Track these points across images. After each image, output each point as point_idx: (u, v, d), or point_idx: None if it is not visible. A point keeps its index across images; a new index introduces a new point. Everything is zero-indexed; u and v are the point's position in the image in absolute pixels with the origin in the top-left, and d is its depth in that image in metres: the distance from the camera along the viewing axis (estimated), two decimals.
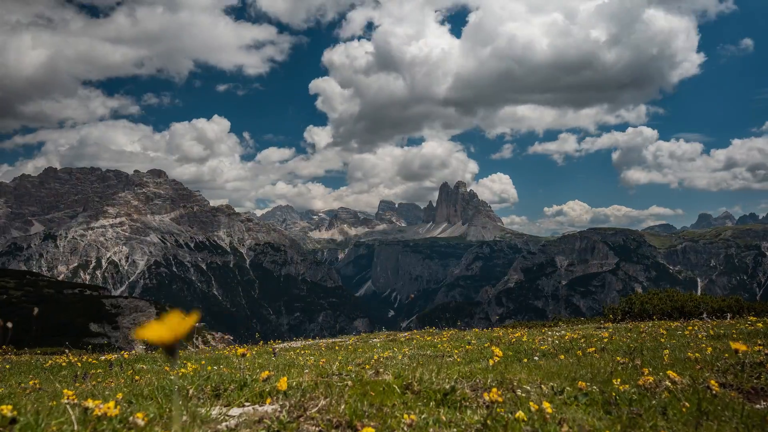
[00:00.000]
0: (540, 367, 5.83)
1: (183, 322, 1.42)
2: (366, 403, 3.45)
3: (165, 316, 1.43)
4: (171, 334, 1.41)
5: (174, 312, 1.44)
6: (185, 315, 1.46)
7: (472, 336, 15.12)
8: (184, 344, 50.88)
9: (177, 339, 1.43)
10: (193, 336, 60.26)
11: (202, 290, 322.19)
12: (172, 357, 1.46)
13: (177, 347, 1.45)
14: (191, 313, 1.48)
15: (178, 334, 1.42)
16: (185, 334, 1.43)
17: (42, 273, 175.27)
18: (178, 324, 1.42)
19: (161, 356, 1.70)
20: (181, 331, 1.42)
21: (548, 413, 3.07)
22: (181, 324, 1.42)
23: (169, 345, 1.44)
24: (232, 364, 9.75)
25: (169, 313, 1.44)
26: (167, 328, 1.41)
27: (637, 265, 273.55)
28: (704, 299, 21.83)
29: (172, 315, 1.43)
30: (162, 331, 1.41)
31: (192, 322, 1.43)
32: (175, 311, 1.42)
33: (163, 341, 1.42)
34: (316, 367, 6.49)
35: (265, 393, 3.90)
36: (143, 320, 63.36)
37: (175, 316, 1.42)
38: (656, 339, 9.73)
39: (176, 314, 1.43)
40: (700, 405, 3.36)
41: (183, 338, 1.43)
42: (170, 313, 1.43)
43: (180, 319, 1.42)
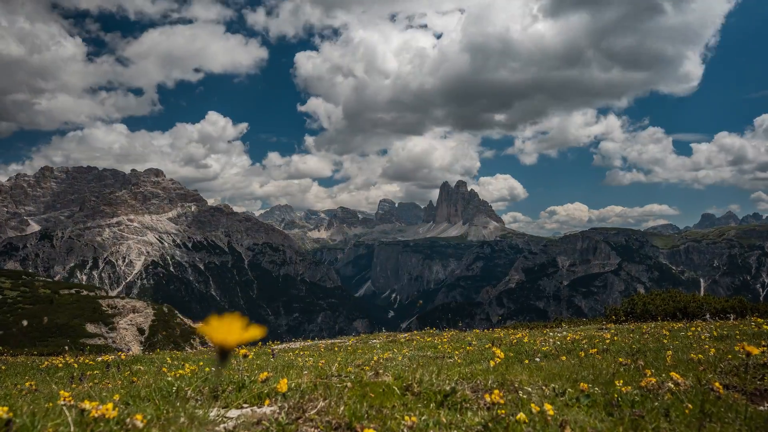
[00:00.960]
0: (541, 368, 5.83)
1: (246, 332, 1.38)
2: (366, 404, 3.45)
3: (232, 319, 1.38)
4: (233, 339, 1.37)
5: (237, 319, 1.38)
6: (248, 324, 1.41)
7: (472, 337, 15.13)
8: (180, 344, 50.55)
9: (236, 346, 1.40)
10: (190, 337, 60.33)
11: (200, 291, 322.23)
12: (224, 361, 1.42)
13: (231, 353, 1.41)
14: (257, 325, 1.43)
15: (239, 341, 1.38)
16: (242, 343, 1.40)
17: (38, 273, 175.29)
18: (242, 332, 1.37)
19: (216, 359, 1.65)
20: (242, 339, 1.38)
21: (550, 415, 3.07)
22: (243, 333, 1.38)
23: (226, 349, 1.40)
24: (230, 365, 9.75)
25: (234, 318, 1.39)
26: (234, 333, 1.36)
27: (640, 266, 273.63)
28: (707, 300, 21.84)
29: (236, 321, 1.38)
30: (227, 335, 1.37)
31: (254, 336, 1.38)
32: (235, 316, 1.36)
33: (224, 344, 1.38)
34: (315, 369, 6.49)
35: (263, 394, 3.90)
36: (140, 321, 63.35)
37: (237, 323, 1.38)
38: (659, 340, 9.74)
39: (238, 321, 1.38)
40: (704, 407, 3.36)
41: (239, 347, 1.39)
42: (235, 318, 1.38)
43: (244, 327, 1.38)
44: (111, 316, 63.37)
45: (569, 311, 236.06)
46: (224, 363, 1.42)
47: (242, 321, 1.40)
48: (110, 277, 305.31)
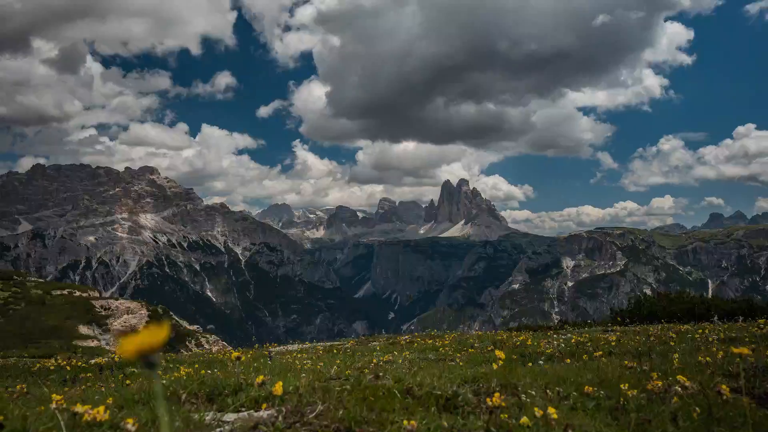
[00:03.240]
0: (545, 371, 5.83)
1: (155, 335, 1.46)
2: (365, 408, 3.46)
3: (147, 327, 1.48)
4: (149, 346, 1.45)
5: (152, 324, 1.48)
6: (160, 324, 1.50)
7: (474, 339, 15.13)
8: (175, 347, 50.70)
9: (153, 351, 1.47)
10: (185, 339, 60.36)
11: (195, 291, 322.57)
12: (152, 368, 1.49)
13: (156, 359, 1.48)
14: (163, 322, 1.52)
15: (155, 345, 1.46)
16: (161, 346, 1.47)
17: (30, 274, 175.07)
18: (151, 337, 1.46)
19: (144, 368, 1.74)
20: (157, 342, 1.46)
21: (553, 419, 3.07)
22: (151, 339, 1.46)
23: (149, 357, 1.47)
24: (226, 368, 9.76)
25: (148, 325, 1.48)
26: (139, 343, 1.45)
27: (646, 266, 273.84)
28: (715, 301, 21.88)
29: (148, 328, 1.47)
30: (135, 346, 1.45)
31: (164, 335, 1.47)
32: (153, 323, 1.47)
33: (141, 353, 1.46)
34: (314, 372, 6.50)
35: (260, 398, 3.91)
36: (135, 322, 63.41)
37: (151, 329, 1.46)
38: (665, 342, 9.74)
39: (152, 326, 1.47)
40: (711, 410, 3.37)
41: (160, 349, 1.46)
42: (148, 326, 1.48)
43: (152, 332, 1.46)
44: (104, 318, 63.38)
45: (574, 313, 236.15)
46: (152, 370, 1.49)
47: (151, 330, 1.50)
48: (104, 277, 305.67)
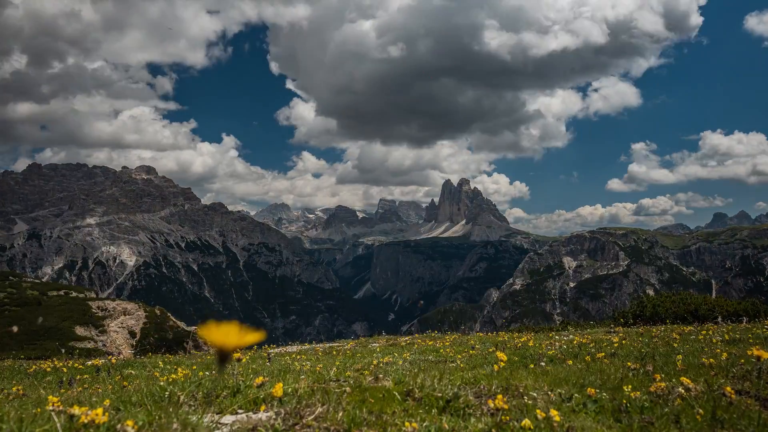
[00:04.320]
0: (547, 373, 5.83)
1: (245, 336, 1.44)
2: (365, 410, 3.46)
3: (229, 325, 1.46)
4: (233, 343, 1.44)
5: (234, 325, 1.46)
6: (249, 330, 1.49)
7: (475, 340, 15.13)
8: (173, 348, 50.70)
9: (235, 349, 1.46)
10: (183, 340, 60.32)
11: (193, 292, 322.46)
12: (223, 365, 1.49)
13: (230, 357, 1.48)
14: (257, 331, 1.51)
15: (238, 345, 1.45)
16: (242, 347, 1.47)
17: (26, 274, 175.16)
18: (241, 337, 1.44)
19: (216, 363, 1.71)
20: (240, 343, 1.45)
21: (556, 421, 3.07)
22: (243, 337, 1.44)
23: (226, 353, 1.46)
24: (224, 369, 9.75)
25: (234, 324, 1.47)
26: (232, 337, 1.43)
27: (649, 267, 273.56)
28: (719, 302, 21.87)
29: (234, 327, 1.45)
30: (227, 338, 1.43)
31: (253, 340, 1.46)
32: (234, 325, 1.45)
33: (223, 347, 1.45)
34: (313, 373, 6.50)
35: (259, 400, 3.91)
36: (131, 324, 63.38)
37: (235, 329, 1.45)
38: (669, 344, 9.74)
39: (240, 327, 1.46)
40: (715, 413, 3.36)
41: (237, 350, 1.46)
42: (234, 325, 1.46)
43: (244, 331, 1.45)
44: (101, 319, 63.36)
45: (576, 314, 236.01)
46: (223, 367, 1.48)
47: (240, 327, 1.46)
48: (100, 278, 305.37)
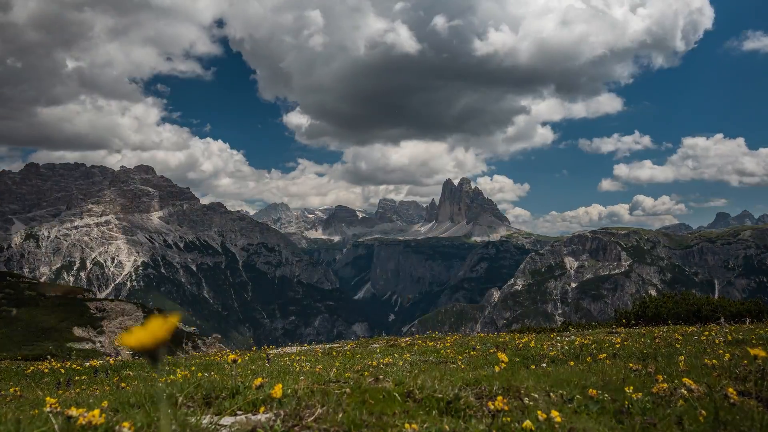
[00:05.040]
0: (548, 374, 5.84)
1: (164, 326, 1.44)
2: (365, 411, 3.46)
3: (149, 320, 1.45)
4: (152, 338, 1.44)
5: (156, 316, 1.46)
6: (166, 317, 1.48)
7: (476, 341, 15.14)
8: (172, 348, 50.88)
9: (159, 344, 1.45)
10: (182, 341, 60.39)
11: (192, 292, 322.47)
12: (155, 363, 1.48)
13: (160, 353, 1.47)
14: (172, 314, 1.50)
15: (160, 338, 1.44)
16: (168, 338, 1.46)
17: (23, 274, 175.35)
18: (159, 328, 1.43)
19: (147, 363, 1.74)
20: (162, 335, 1.44)
21: (557, 422, 3.07)
22: (162, 327, 1.44)
23: (152, 350, 1.46)
24: (223, 370, 9.77)
25: (151, 318, 1.46)
26: (148, 333, 1.43)
27: (651, 267, 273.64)
28: (722, 303, 21.86)
29: (153, 320, 1.45)
30: (143, 337, 1.43)
31: (173, 324, 1.45)
32: (156, 316, 1.45)
33: (145, 347, 1.44)
34: (313, 374, 6.50)
35: (258, 401, 3.90)
36: (130, 324, 63.40)
37: (156, 321, 1.44)
38: (671, 344, 9.74)
39: (157, 318, 1.46)
40: (718, 414, 3.36)
41: (166, 342, 1.45)
42: (152, 318, 1.45)
43: (161, 322, 1.44)
44: (99, 320, 63.43)
45: (577, 315, 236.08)
46: (155, 363, 1.48)
47: (159, 320, 1.46)
48: (98, 278, 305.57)
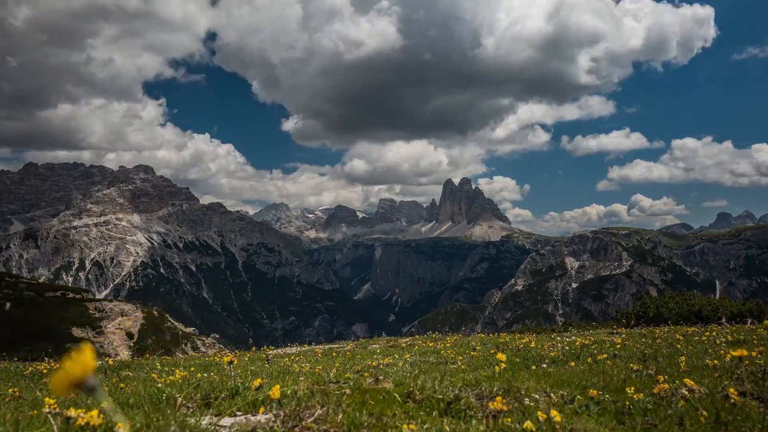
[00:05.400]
0: (549, 374, 5.84)
1: (81, 361, 1.49)
2: (365, 412, 3.46)
3: (61, 366, 1.54)
4: (76, 376, 1.48)
5: (68, 356, 1.52)
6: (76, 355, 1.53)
7: (477, 342, 15.14)
8: (170, 349, 50.75)
9: (85, 376, 1.49)
10: (181, 341, 60.42)
11: (191, 293, 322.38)
12: (93, 393, 1.51)
13: (93, 383, 1.51)
14: (84, 348, 1.57)
15: (85, 372, 1.48)
16: (91, 370, 1.50)
17: (22, 275, 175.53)
18: (76, 365, 1.48)
19: (86, 395, 1.75)
20: (82, 369, 1.49)
21: (558, 423, 3.07)
22: (77, 363, 1.48)
23: (84, 385, 1.49)
24: (223, 371, 9.77)
25: (65, 363, 1.53)
26: (67, 374, 1.47)
27: (653, 267, 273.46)
28: (723, 303, 21.86)
29: (68, 361, 1.51)
30: (65, 378, 1.47)
31: (89, 358, 1.51)
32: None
33: (75, 384, 1.48)
34: (312, 375, 6.50)
35: (258, 402, 3.91)
36: (129, 325, 63.43)
37: (70, 360, 1.50)
38: (672, 345, 9.74)
39: (73, 357, 1.51)
40: (719, 415, 3.36)
41: (91, 374, 1.50)
42: (66, 360, 1.52)
43: (75, 359, 1.49)
44: (98, 320, 63.40)
45: (578, 315, 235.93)
46: (94, 394, 1.52)
47: (73, 359, 1.54)
48: (98, 278, 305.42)
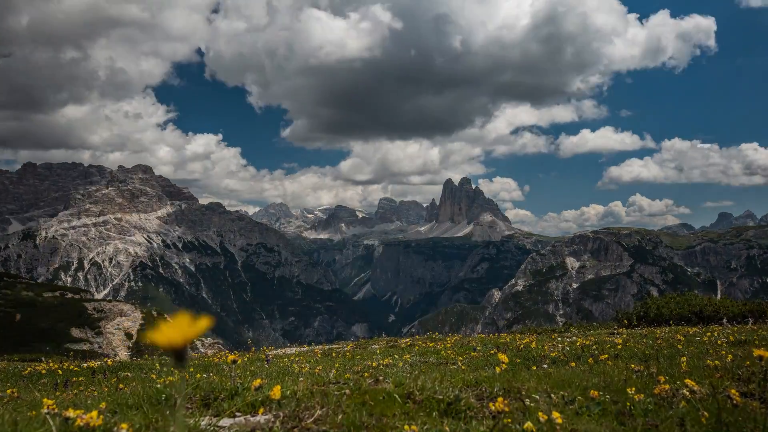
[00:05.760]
0: (549, 375, 5.83)
1: (194, 326, 1.44)
2: (365, 413, 3.46)
3: (174, 318, 1.46)
4: (181, 337, 1.44)
5: (183, 315, 1.46)
6: (195, 318, 1.48)
7: (477, 342, 15.14)
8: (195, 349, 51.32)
9: (187, 343, 1.45)
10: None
11: (190, 293, 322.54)
12: (182, 362, 1.48)
13: (186, 352, 1.47)
14: (201, 317, 1.51)
15: (188, 337, 1.44)
16: (194, 338, 1.46)
17: (20, 275, 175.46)
18: (188, 327, 1.44)
19: (172, 362, 1.77)
20: (191, 334, 1.45)
21: (558, 424, 3.07)
22: (191, 327, 1.44)
23: (179, 349, 1.46)
24: (222, 371, 9.77)
25: (179, 316, 1.46)
26: (177, 332, 1.43)
27: (653, 267, 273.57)
28: (724, 303, 21.87)
29: (182, 318, 1.45)
30: (172, 335, 1.43)
31: (204, 327, 1.46)
32: (183, 314, 1.46)
33: (173, 345, 1.44)
34: (312, 375, 6.50)
35: (257, 402, 3.90)
36: (128, 325, 63.44)
37: (184, 319, 1.45)
38: (673, 345, 9.75)
39: (185, 317, 1.46)
40: (720, 416, 3.36)
41: (191, 342, 1.45)
42: (180, 316, 1.46)
43: (190, 322, 1.45)
44: (97, 320, 63.44)
45: (579, 315, 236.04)
46: (182, 363, 1.47)
47: (188, 319, 1.46)
48: (96, 279, 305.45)
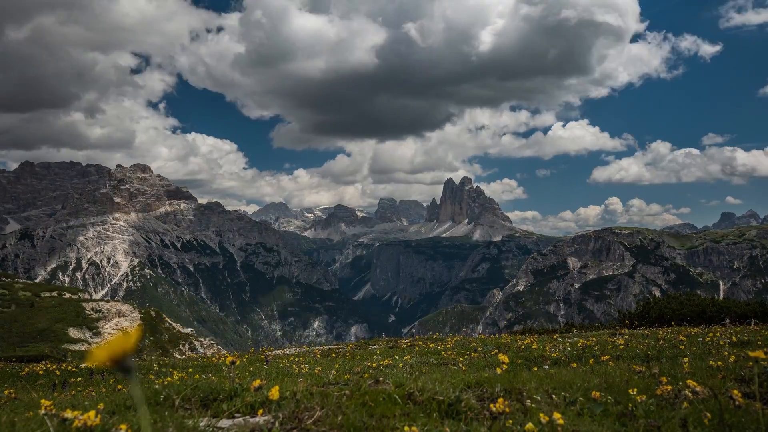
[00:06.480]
0: (551, 375, 5.83)
1: (127, 339, 1.50)
2: (365, 414, 3.46)
3: (121, 332, 1.56)
4: (119, 351, 1.49)
5: (118, 335, 1.54)
6: (127, 333, 1.56)
7: (478, 343, 15.15)
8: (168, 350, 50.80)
9: (126, 355, 1.51)
10: (179, 343, 60.53)
11: (189, 293, 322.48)
12: (128, 372, 1.52)
13: (129, 363, 1.52)
14: (135, 329, 1.59)
15: (126, 350, 1.50)
16: (133, 350, 1.52)
17: (18, 275, 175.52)
18: (123, 341, 1.50)
19: (120, 375, 1.78)
20: (127, 347, 1.50)
21: (560, 425, 3.07)
22: (125, 341, 1.50)
23: (121, 361, 1.50)
24: (221, 372, 9.78)
25: (114, 337, 1.54)
26: (114, 347, 1.49)
27: (656, 267, 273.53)
28: (727, 304, 21.88)
29: (117, 336, 1.52)
30: (104, 353, 1.49)
31: (135, 339, 1.52)
32: (119, 335, 1.54)
33: (112, 360, 1.49)
34: (312, 376, 6.51)
35: (256, 403, 3.91)
36: (126, 326, 63.42)
37: (119, 337, 1.51)
38: (675, 346, 9.74)
39: (118, 336, 1.53)
40: (723, 416, 3.36)
41: (132, 354, 1.51)
42: (115, 336, 1.53)
43: (122, 337, 1.51)
44: (95, 321, 63.44)
45: (580, 316, 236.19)
46: (128, 375, 1.53)
47: (120, 336, 1.55)
48: (94, 279, 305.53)
